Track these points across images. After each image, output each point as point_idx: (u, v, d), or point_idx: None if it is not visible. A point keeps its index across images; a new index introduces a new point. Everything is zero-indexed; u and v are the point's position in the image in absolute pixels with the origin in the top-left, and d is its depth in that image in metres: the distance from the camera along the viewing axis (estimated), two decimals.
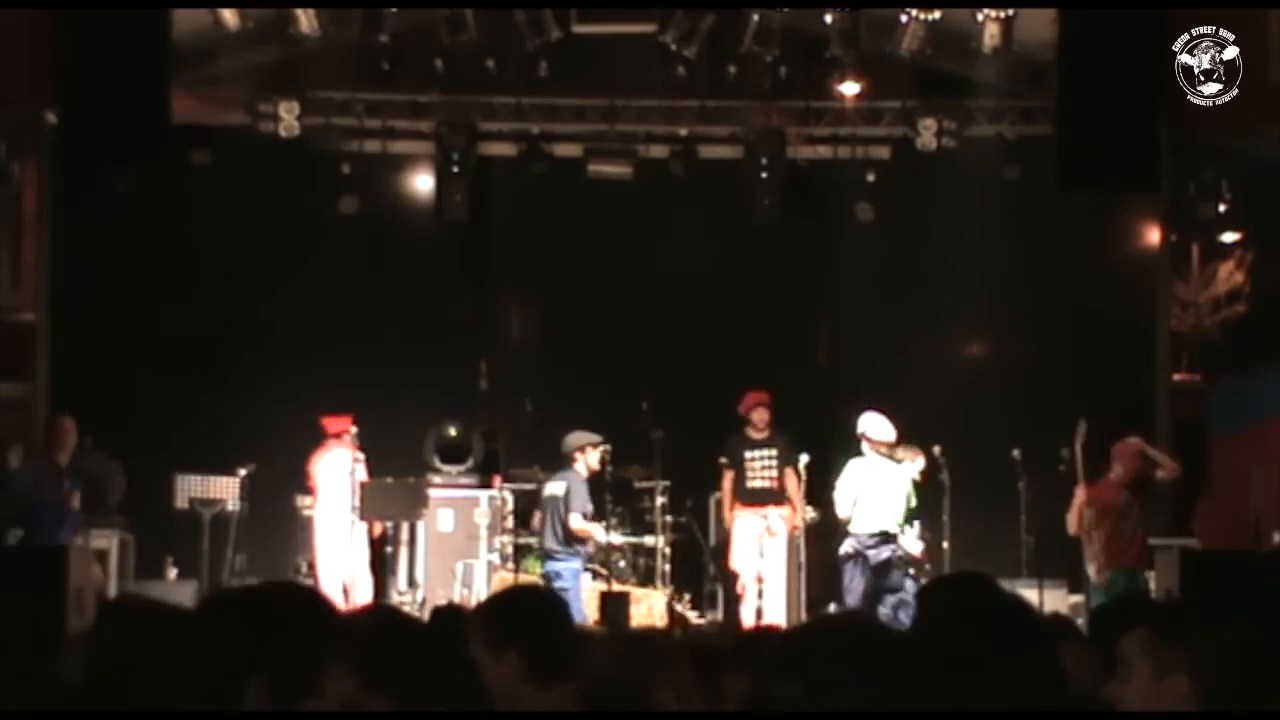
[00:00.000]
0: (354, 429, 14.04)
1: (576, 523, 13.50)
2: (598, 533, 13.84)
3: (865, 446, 13.65)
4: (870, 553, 13.42)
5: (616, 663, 4.76)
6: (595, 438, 13.85)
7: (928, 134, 15.90)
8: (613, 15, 14.98)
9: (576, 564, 13.60)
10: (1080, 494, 12.95)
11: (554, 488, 13.68)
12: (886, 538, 13.43)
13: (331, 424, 14.18)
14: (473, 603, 13.30)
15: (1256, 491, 13.54)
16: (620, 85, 16.21)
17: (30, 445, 13.80)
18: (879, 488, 13.54)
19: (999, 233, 15.75)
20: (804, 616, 14.36)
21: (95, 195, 15.17)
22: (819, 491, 14.05)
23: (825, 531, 14.31)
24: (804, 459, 14.20)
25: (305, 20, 14.62)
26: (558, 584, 13.05)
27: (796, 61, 15.69)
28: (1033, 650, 2.74)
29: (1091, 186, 14.29)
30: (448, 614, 5.84)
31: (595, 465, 13.82)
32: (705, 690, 4.70)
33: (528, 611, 4.51)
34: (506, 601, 4.76)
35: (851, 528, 13.51)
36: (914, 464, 13.87)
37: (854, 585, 13.41)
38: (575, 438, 13.82)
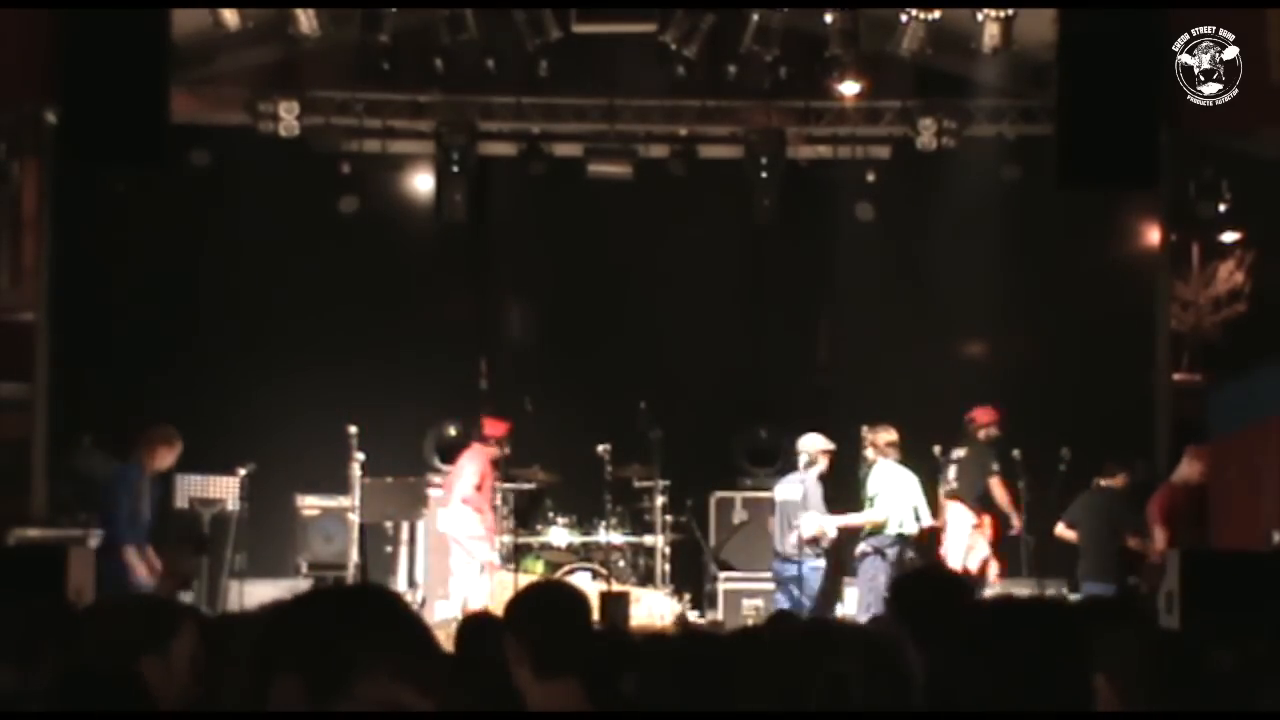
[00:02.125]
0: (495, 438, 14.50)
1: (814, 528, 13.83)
2: (831, 530, 14.03)
3: (886, 450, 13.88)
4: (890, 551, 13.68)
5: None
6: (829, 445, 14.07)
7: (928, 134, 15.89)
8: (613, 15, 14.95)
9: (819, 563, 13.88)
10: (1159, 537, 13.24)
11: (789, 492, 13.95)
12: (903, 539, 13.66)
13: (490, 426, 14.50)
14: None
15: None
16: (620, 85, 16.20)
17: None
18: (900, 491, 13.77)
19: (999, 233, 15.75)
20: None
21: (95, 195, 15.18)
22: None
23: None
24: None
25: (305, 20, 14.61)
26: (800, 585, 13.40)
27: (796, 61, 15.66)
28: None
29: (1092, 186, 14.29)
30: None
31: (825, 470, 14.03)
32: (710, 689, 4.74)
33: (533, 603, 4.68)
34: (521, 594, 4.96)
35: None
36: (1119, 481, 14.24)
37: (875, 583, 13.55)
38: (811, 441, 14.03)
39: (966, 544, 14.20)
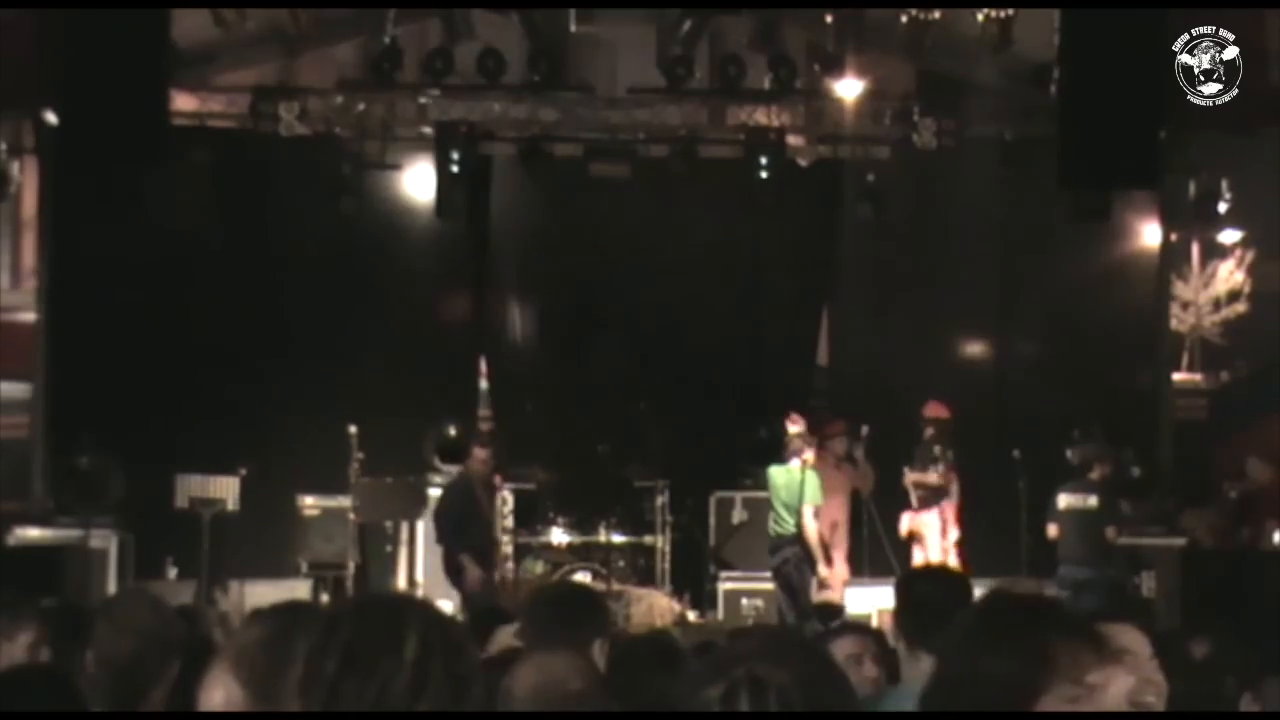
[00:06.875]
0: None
1: (1112, 533, 13.78)
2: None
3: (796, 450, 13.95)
4: (785, 551, 13.77)
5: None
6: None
7: (928, 134, 15.88)
8: (612, 15, 14.98)
9: (1111, 571, 13.81)
10: None
11: (1079, 500, 13.80)
12: (781, 540, 13.74)
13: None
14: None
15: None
16: (620, 85, 16.20)
17: None
18: (778, 492, 13.85)
19: (999, 233, 15.75)
20: None
21: (95, 195, 15.16)
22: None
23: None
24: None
25: (306, 20, 14.62)
26: (1091, 591, 13.27)
27: (796, 61, 15.68)
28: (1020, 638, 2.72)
29: (1092, 185, 14.29)
30: None
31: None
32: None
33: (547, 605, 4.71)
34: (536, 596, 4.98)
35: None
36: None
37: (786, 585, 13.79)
38: (1097, 450, 13.94)
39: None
